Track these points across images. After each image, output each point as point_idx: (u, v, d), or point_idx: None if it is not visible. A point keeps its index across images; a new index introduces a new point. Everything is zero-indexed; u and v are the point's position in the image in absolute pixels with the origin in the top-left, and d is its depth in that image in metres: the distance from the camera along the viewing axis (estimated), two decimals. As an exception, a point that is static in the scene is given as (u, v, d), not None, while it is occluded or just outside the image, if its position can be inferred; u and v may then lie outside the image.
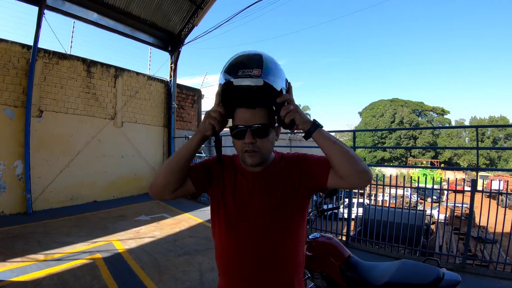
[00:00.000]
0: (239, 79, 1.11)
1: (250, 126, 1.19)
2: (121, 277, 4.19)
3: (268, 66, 1.15)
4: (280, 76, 1.19)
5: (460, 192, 5.07)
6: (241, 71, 1.11)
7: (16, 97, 7.75)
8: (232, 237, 1.30)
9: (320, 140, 1.17)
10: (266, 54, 1.20)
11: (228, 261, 1.33)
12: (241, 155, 1.26)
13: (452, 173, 37.21)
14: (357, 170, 1.13)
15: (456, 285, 1.93)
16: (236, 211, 1.30)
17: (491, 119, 56.88)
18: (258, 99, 1.17)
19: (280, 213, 1.28)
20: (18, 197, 7.75)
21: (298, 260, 1.36)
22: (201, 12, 11.04)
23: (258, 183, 1.31)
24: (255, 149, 1.20)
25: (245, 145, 1.20)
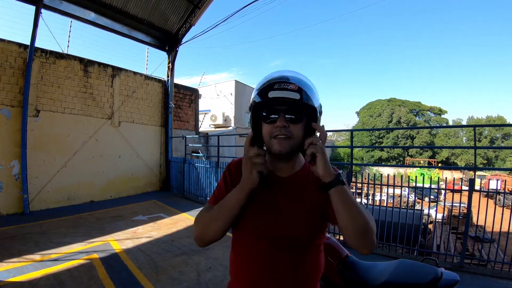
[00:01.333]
0: (275, 91, 1.09)
1: (283, 109, 1.13)
2: (118, 278, 4.17)
3: (305, 83, 1.15)
4: (316, 95, 1.17)
5: (458, 192, 5.07)
6: (277, 85, 1.10)
7: (13, 96, 7.71)
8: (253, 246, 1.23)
9: (339, 201, 1.08)
10: (302, 75, 1.20)
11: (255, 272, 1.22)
12: (268, 142, 1.17)
13: (450, 173, 37.34)
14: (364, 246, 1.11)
15: (454, 285, 1.92)
16: (260, 221, 1.22)
17: (488, 118, 57.00)
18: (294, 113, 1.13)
19: (304, 224, 1.22)
20: (15, 197, 7.71)
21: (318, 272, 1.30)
22: (199, 12, 11.04)
23: (287, 189, 1.25)
24: (287, 134, 1.13)
25: (276, 129, 1.13)
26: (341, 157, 49.61)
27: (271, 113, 1.14)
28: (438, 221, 12.12)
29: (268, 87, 1.12)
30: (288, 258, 1.20)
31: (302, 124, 1.16)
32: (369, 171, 34.34)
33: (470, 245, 10.53)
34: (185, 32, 11.62)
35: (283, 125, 1.11)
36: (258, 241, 1.21)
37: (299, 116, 1.14)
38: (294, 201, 1.22)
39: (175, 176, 11.49)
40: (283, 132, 1.12)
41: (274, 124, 1.13)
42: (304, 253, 1.23)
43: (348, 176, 6.01)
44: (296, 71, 1.21)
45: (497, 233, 5.09)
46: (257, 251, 1.21)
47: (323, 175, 1.07)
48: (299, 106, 1.13)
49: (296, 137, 1.14)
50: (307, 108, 1.15)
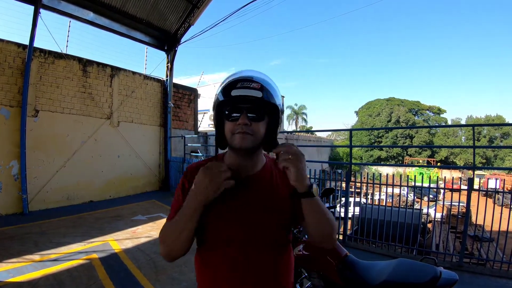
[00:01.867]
0: (238, 90, 1.11)
1: (245, 108, 1.13)
2: (117, 278, 4.17)
3: (267, 82, 1.17)
4: (278, 94, 1.19)
5: (457, 191, 5.08)
6: (240, 83, 1.12)
7: (12, 96, 7.70)
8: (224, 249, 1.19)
9: (308, 210, 1.14)
10: (265, 74, 1.22)
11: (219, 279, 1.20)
12: (230, 138, 1.17)
13: (449, 172, 37.38)
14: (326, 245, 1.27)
15: (453, 284, 1.93)
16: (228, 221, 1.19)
17: (487, 118, 57.05)
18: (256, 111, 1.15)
19: (274, 222, 1.22)
20: (14, 198, 7.70)
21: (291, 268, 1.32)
22: (198, 12, 11.01)
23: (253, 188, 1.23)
24: (248, 131, 1.13)
25: (238, 126, 1.13)
26: (340, 157, 49.65)
27: (234, 112, 1.15)
28: (437, 220, 12.14)
29: (231, 85, 1.13)
30: (262, 260, 1.19)
31: (264, 122, 1.18)
32: (368, 171, 34.31)
33: (469, 244, 10.53)
34: (184, 31, 11.60)
35: (245, 123, 1.12)
36: (228, 246, 1.18)
37: (261, 114, 1.16)
38: (261, 201, 1.21)
39: (174, 176, 11.49)
40: (245, 129, 1.12)
41: (237, 122, 1.13)
42: (276, 253, 1.24)
43: (347, 175, 6.01)
44: (259, 71, 1.22)
45: (496, 232, 5.10)
46: (228, 257, 1.18)
47: (296, 185, 1.09)
48: (261, 104, 1.14)
49: (258, 134, 1.16)
50: (269, 107, 1.16)
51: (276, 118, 1.20)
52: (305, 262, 2.58)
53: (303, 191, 1.09)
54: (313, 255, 2.55)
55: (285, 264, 1.27)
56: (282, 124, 1.27)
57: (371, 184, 6.01)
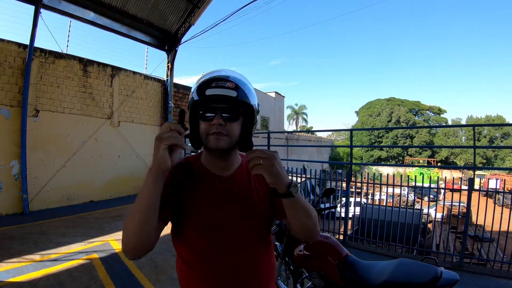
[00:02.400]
0: (212, 89, 1.09)
1: (220, 108, 1.11)
2: (118, 277, 4.17)
3: (242, 82, 1.15)
4: (253, 94, 1.18)
5: (457, 191, 5.08)
6: (215, 83, 1.10)
7: (12, 96, 7.70)
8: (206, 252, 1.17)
9: (289, 208, 1.12)
10: (241, 74, 1.20)
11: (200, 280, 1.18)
12: (205, 139, 1.14)
13: (449, 172, 37.37)
14: (309, 238, 1.27)
15: (454, 284, 1.92)
16: (207, 223, 1.17)
17: (488, 118, 57.02)
18: (230, 111, 1.12)
19: (253, 222, 1.23)
20: (15, 197, 7.71)
21: (272, 268, 1.33)
22: (198, 12, 11.02)
23: (230, 189, 1.23)
24: (223, 132, 1.10)
25: (213, 127, 1.10)
26: (341, 157, 49.64)
27: (208, 111, 1.12)
28: (438, 221, 12.14)
29: (205, 85, 1.11)
30: (245, 260, 1.20)
31: (239, 122, 1.15)
32: (369, 171, 34.34)
33: (469, 245, 10.53)
34: (185, 31, 11.61)
35: (220, 123, 1.09)
36: (211, 247, 1.17)
37: (236, 114, 1.13)
38: (238, 202, 1.21)
39: (174, 176, 11.43)
40: (219, 129, 1.10)
41: (211, 122, 1.11)
42: (259, 251, 1.25)
43: (347, 175, 6.01)
44: (234, 71, 1.21)
45: (496, 232, 5.10)
46: (211, 257, 1.17)
47: (275, 187, 1.06)
48: (236, 104, 1.12)
49: (233, 135, 1.13)
50: (244, 106, 1.14)
51: (251, 118, 1.18)
52: (306, 262, 2.58)
53: (283, 192, 1.06)
54: (314, 255, 2.55)
55: (266, 265, 1.27)
56: (256, 124, 1.25)
57: (371, 184, 6.01)
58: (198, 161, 1.29)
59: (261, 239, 1.26)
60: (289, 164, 6.99)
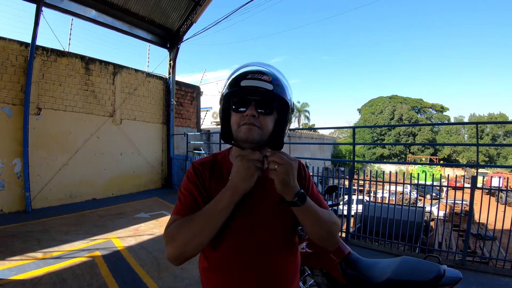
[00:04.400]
0: (248, 81, 1.06)
1: (255, 100, 1.08)
2: (120, 275, 4.18)
3: (279, 77, 1.12)
4: (289, 91, 1.15)
5: (460, 189, 5.06)
6: (251, 75, 1.07)
7: (14, 95, 7.72)
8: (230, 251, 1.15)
9: (300, 216, 1.11)
10: (278, 69, 1.18)
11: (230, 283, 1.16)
12: (235, 130, 1.11)
13: (451, 170, 37.28)
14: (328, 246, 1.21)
15: (457, 282, 1.91)
16: (233, 223, 1.13)
17: (490, 116, 56.81)
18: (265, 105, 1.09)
19: (278, 224, 1.19)
20: (17, 195, 7.73)
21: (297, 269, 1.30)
22: (200, 9, 11.01)
23: (258, 190, 1.15)
24: (256, 123, 1.07)
25: (245, 117, 1.07)
26: (343, 154, 49.61)
27: (242, 103, 1.09)
28: (440, 219, 12.11)
29: (241, 76, 1.09)
30: (269, 260, 1.16)
31: (273, 117, 1.12)
32: (371, 168, 34.30)
33: (472, 243, 10.50)
34: (186, 29, 11.60)
35: (253, 114, 1.06)
36: (235, 247, 1.15)
37: (270, 108, 1.10)
38: (266, 202, 1.17)
39: (177, 174, 11.50)
40: (252, 121, 1.06)
41: (243, 112, 1.08)
42: (283, 252, 1.21)
43: (350, 173, 6.00)
44: (271, 65, 1.18)
45: (499, 230, 5.08)
46: (235, 258, 1.14)
47: (281, 194, 1.04)
48: (271, 98, 1.09)
49: (265, 129, 1.09)
50: (279, 101, 1.11)
51: (286, 115, 1.14)
52: (308, 260, 2.57)
53: (290, 200, 1.03)
54: (316, 253, 2.55)
55: (291, 265, 1.24)
56: (290, 122, 1.21)
57: (374, 182, 5.99)
58: (226, 158, 1.26)
59: (285, 240, 1.22)
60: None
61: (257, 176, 1.01)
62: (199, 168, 1.20)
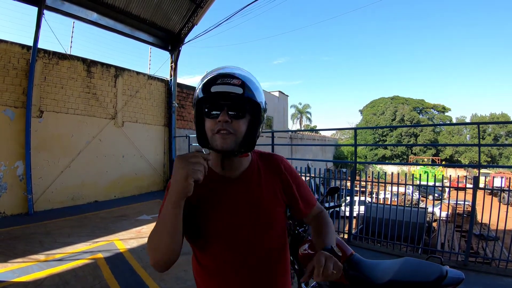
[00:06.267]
0: (218, 86, 1.06)
1: (226, 104, 1.07)
2: (122, 277, 4.19)
3: (249, 78, 1.13)
4: (260, 92, 1.16)
5: (462, 190, 5.06)
6: (220, 79, 1.07)
7: (16, 97, 7.74)
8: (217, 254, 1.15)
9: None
10: (247, 71, 1.18)
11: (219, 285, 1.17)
12: (211, 138, 1.10)
13: (454, 171, 37.21)
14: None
15: (459, 283, 1.91)
16: (219, 226, 1.14)
17: (492, 116, 56.76)
18: (236, 108, 1.09)
19: (264, 224, 1.19)
20: (19, 198, 7.75)
21: (287, 265, 1.31)
22: (201, 11, 11.03)
23: (241, 190, 1.19)
24: (229, 129, 1.06)
25: (219, 124, 1.06)
26: (345, 156, 49.58)
27: (214, 109, 1.09)
28: (443, 219, 12.09)
29: (211, 81, 1.08)
30: (258, 261, 1.17)
31: (246, 119, 1.12)
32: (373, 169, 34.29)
33: (474, 243, 10.49)
34: (188, 31, 11.62)
35: (226, 120, 1.06)
36: (222, 250, 1.14)
37: (242, 111, 1.10)
38: (250, 203, 1.18)
39: (178, 176, 11.44)
40: (225, 127, 1.06)
41: (217, 119, 1.07)
42: (272, 252, 1.22)
43: (352, 174, 6.00)
44: (240, 67, 1.19)
45: (501, 231, 5.07)
46: (224, 260, 1.15)
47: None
48: (242, 101, 1.09)
49: (239, 132, 1.09)
50: (250, 104, 1.12)
51: (258, 116, 1.15)
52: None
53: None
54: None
55: (281, 265, 1.25)
56: (264, 123, 1.22)
57: (376, 183, 5.99)
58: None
59: (273, 240, 1.22)
60: (293, 163, 6.97)
61: (193, 179, 0.92)
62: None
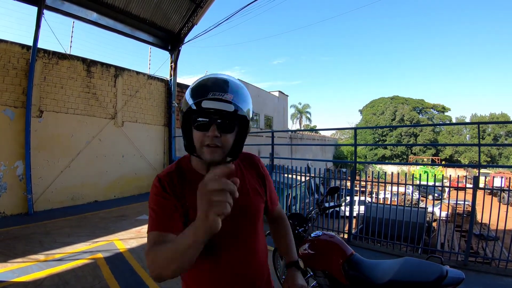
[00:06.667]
0: (210, 101, 1.05)
1: (216, 119, 1.08)
2: (122, 277, 4.18)
3: (238, 91, 1.12)
4: (248, 99, 1.16)
5: (462, 190, 5.06)
6: (212, 93, 1.06)
7: (16, 97, 7.74)
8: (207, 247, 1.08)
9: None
10: (236, 79, 1.18)
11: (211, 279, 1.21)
12: (199, 148, 1.12)
13: (453, 171, 37.20)
14: None
15: (459, 283, 1.91)
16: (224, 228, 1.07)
17: (492, 116, 56.79)
18: (226, 123, 1.10)
19: (249, 216, 1.28)
20: (19, 198, 7.75)
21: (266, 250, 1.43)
22: (201, 11, 11.03)
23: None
24: (217, 143, 1.08)
25: (207, 138, 1.08)
26: (345, 155, 49.59)
27: (203, 122, 1.09)
28: (442, 219, 12.08)
29: (201, 93, 1.08)
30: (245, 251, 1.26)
31: (234, 133, 1.15)
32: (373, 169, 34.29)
33: (474, 243, 10.49)
34: (188, 31, 11.62)
35: (215, 135, 1.07)
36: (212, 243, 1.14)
37: (231, 126, 1.12)
38: (243, 191, 1.22)
39: (178, 176, 11.44)
40: (214, 141, 1.08)
41: (205, 132, 1.09)
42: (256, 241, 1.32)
43: (352, 174, 5.99)
44: (229, 76, 1.19)
45: (501, 231, 5.07)
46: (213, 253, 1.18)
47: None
48: (232, 117, 1.11)
49: (226, 146, 1.13)
50: (239, 119, 1.14)
51: (245, 128, 1.18)
52: (311, 261, 2.57)
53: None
54: (319, 254, 2.55)
55: (263, 252, 1.37)
56: (249, 132, 1.24)
57: (375, 183, 5.98)
58: (188, 164, 1.27)
59: (256, 230, 1.32)
60: (293, 163, 6.97)
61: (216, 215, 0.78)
62: (166, 179, 1.19)
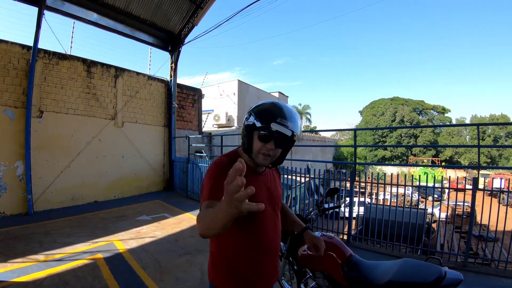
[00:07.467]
0: (277, 125, 1.42)
1: (276, 137, 1.45)
2: (122, 277, 4.19)
3: (296, 120, 1.49)
4: (299, 124, 1.53)
5: (462, 191, 5.06)
6: (279, 119, 1.43)
7: (16, 98, 7.74)
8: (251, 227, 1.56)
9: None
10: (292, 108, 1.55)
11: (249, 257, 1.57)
12: (256, 154, 1.51)
13: (453, 172, 37.19)
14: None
15: (458, 284, 1.91)
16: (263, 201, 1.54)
17: (492, 117, 56.74)
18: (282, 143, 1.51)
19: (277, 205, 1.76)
20: (19, 198, 7.75)
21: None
22: (201, 12, 11.04)
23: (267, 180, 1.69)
24: (270, 154, 1.49)
25: (265, 148, 1.47)
26: (345, 156, 49.56)
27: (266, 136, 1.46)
28: (442, 220, 12.09)
29: (270, 116, 1.44)
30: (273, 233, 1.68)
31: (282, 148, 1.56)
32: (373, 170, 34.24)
33: (474, 244, 10.49)
34: (188, 32, 11.63)
35: (272, 148, 1.47)
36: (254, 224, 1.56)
37: (283, 144, 1.51)
38: (271, 190, 1.71)
39: (178, 176, 11.52)
40: (269, 153, 1.49)
41: (265, 143, 1.47)
42: (279, 225, 1.79)
43: (351, 175, 6.00)
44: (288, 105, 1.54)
45: (501, 232, 5.08)
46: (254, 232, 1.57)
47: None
48: (288, 140, 1.50)
49: (275, 156, 1.54)
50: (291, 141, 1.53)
51: (290, 146, 1.57)
52: (310, 262, 2.57)
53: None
54: (318, 255, 2.55)
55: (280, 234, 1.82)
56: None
57: (375, 184, 5.99)
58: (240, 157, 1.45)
59: (279, 213, 1.79)
60: (293, 164, 6.98)
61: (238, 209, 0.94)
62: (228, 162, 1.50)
